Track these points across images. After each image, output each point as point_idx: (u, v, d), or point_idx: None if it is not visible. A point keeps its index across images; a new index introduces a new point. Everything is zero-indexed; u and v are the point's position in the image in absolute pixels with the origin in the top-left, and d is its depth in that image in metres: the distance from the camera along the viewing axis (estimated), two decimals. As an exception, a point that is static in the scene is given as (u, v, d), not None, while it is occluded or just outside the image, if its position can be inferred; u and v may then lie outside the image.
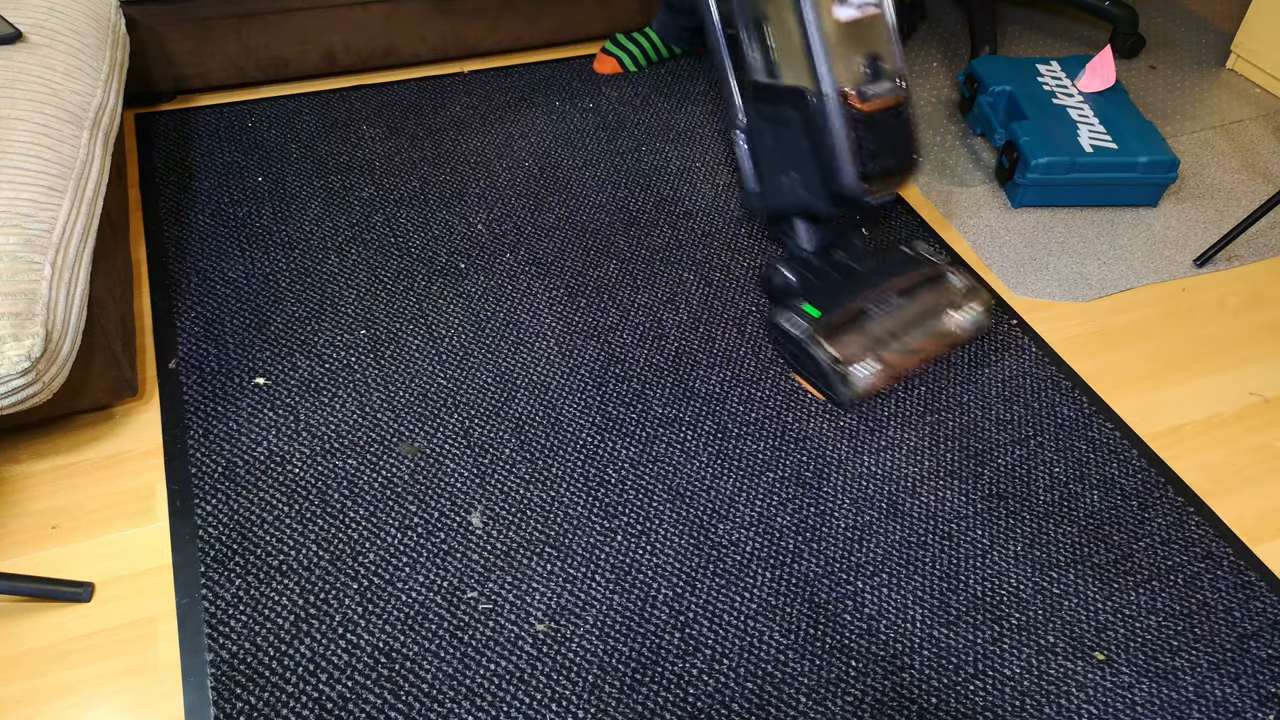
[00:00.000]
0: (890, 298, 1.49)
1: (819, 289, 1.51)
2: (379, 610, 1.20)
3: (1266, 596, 1.27)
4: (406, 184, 1.82)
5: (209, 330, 1.52)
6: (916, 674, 1.17)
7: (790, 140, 1.45)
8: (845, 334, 1.44)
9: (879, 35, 1.37)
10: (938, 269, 1.54)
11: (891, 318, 1.48)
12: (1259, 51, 2.22)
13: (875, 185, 1.39)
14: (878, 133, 1.37)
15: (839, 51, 1.34)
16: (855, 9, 1.35)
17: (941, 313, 1.51)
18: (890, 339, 1.46)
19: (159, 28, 1.86)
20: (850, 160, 1.37)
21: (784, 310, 1.46)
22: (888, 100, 1.37)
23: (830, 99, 1.35)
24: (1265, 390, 1.56)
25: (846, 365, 1.41)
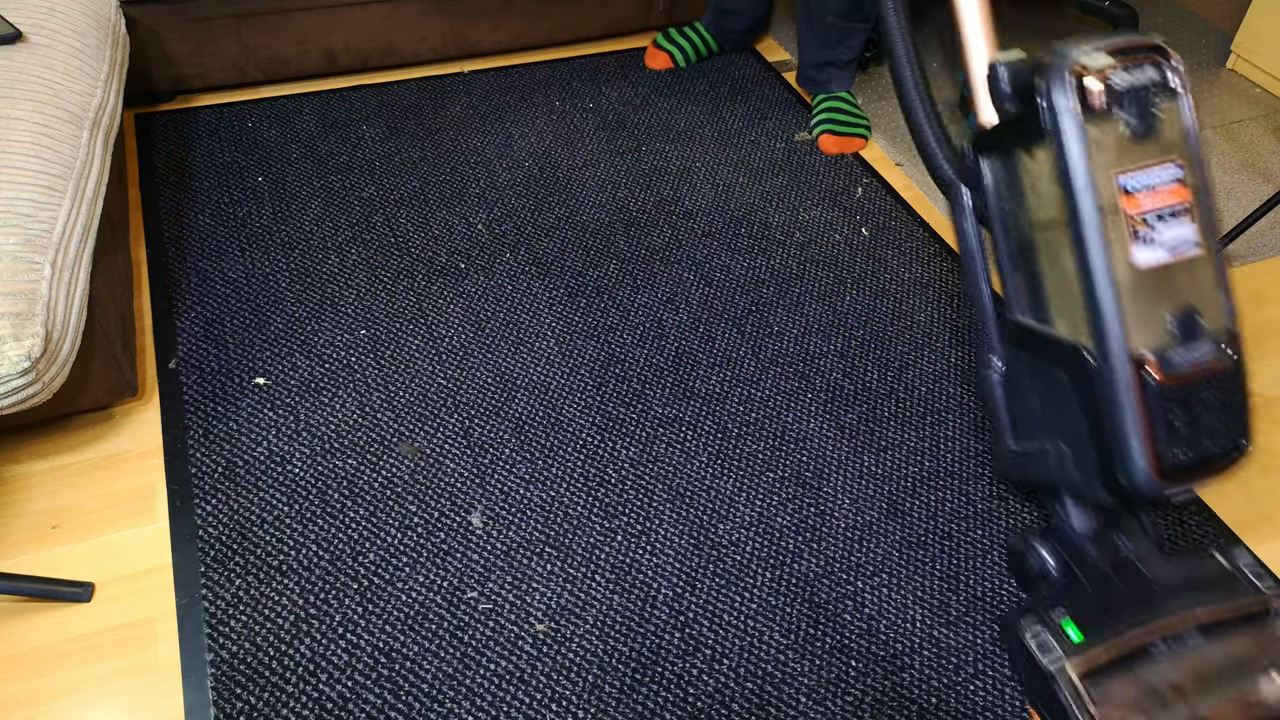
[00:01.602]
0: (1188, 633, 1.06)
1: (1087, 596, 1.12)
2: (379, 610, 1.20)
3: (1266, 596, 1.27)
4: (406, 184, 1.82)
5: (209, 330, 1.52)
6: (916, 674, 1.17)
7: (1060, 405, 1.12)
8: (1114, 681, 1.04)
9: (1200, 283, 1.03)
10: (1265, 601, 1.09)
11: (1184, 665, 1.05)
12: (1259, 51, 2.22)
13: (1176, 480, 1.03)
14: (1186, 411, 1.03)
15: (1136, 304, 1.01)
16: (1166, 251, 1.01)
17: (1259, 671, 1.05)
18: (1177, 699, 1.03)
19: (159, 28, 1.86)
20: (1144, 446, 1.02)
21: (1034, 621, 1.09)
22: (1204, 368, 1.03)
23: (1118, 366, 1.02)
24: (1265, 390, 1.56)
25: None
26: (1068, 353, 1.08)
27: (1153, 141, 1.00)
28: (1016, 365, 1.20)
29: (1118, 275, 1.00)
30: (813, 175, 1.90)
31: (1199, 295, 1.03)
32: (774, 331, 1.58)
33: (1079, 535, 1.17)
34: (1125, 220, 1.00)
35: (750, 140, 1.98)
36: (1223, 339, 1.04)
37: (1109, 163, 0.99)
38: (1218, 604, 1.09)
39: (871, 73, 2.24)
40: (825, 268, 1.70)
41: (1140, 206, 1.00)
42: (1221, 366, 1.04)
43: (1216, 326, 1.04)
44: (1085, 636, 1.06)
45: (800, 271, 1.69)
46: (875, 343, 1.58)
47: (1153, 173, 1.01)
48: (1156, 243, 1.01)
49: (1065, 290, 1.07)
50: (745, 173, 1.90)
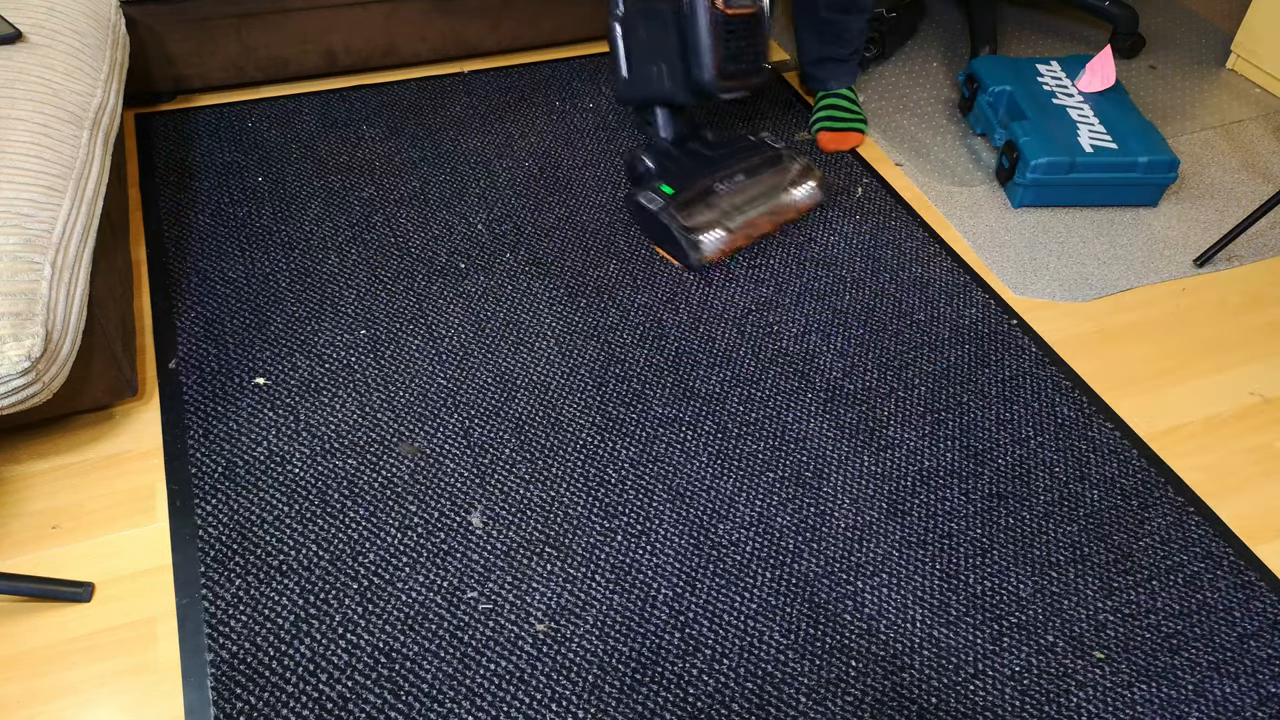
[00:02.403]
0: (736, 177, 1.70)
1: (674, 172, 1.70)
2: (379, 610, 1.20)
3: (1266, 596, 1.27)
4: (406, 184, 1.82)
5: (209, 330, 1.52)
6: (916, 674, 1.17)
7: (661, 35, 1.67)
8: (695, 207, 1.65)
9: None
10: (777, 152, 1.76)
11: (736, 194, 1.68)
12: (1259, 51, 2.22)
13: (729, 83, 1.65)
14: (736, 36, 1.62)
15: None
16: None
17: (781, 190, 1.73)
18: (735, 212, 1.67)
19: (159, 28, 1.86)
20: (710, 57, 1.62)
21: (643, 190, 1.66)
22: (747, 9, 1.62)
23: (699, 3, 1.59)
24: (1265, 390, 1.56)
25: (696, 233, 1.62)
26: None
27: None
28: (633, 10, 1.71)
29: None
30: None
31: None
32: (774, 331, 1.58)
33: (666, 141, 1.76)
34: None
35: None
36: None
37: None
38: (751, 158, 1.75)
39: (871, 72, 2.24)
40: (825, 267, 1.70)
41: None
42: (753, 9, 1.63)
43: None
44: (675, 191, 1.66)
45: (800, 271, 1.69)
46: (875, 343, 1.58)
47: None
48: None
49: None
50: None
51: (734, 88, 1.66)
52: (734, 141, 1.78)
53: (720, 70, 1.62)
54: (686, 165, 1.72)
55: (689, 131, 1.79)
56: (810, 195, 1.76)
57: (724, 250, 1.65)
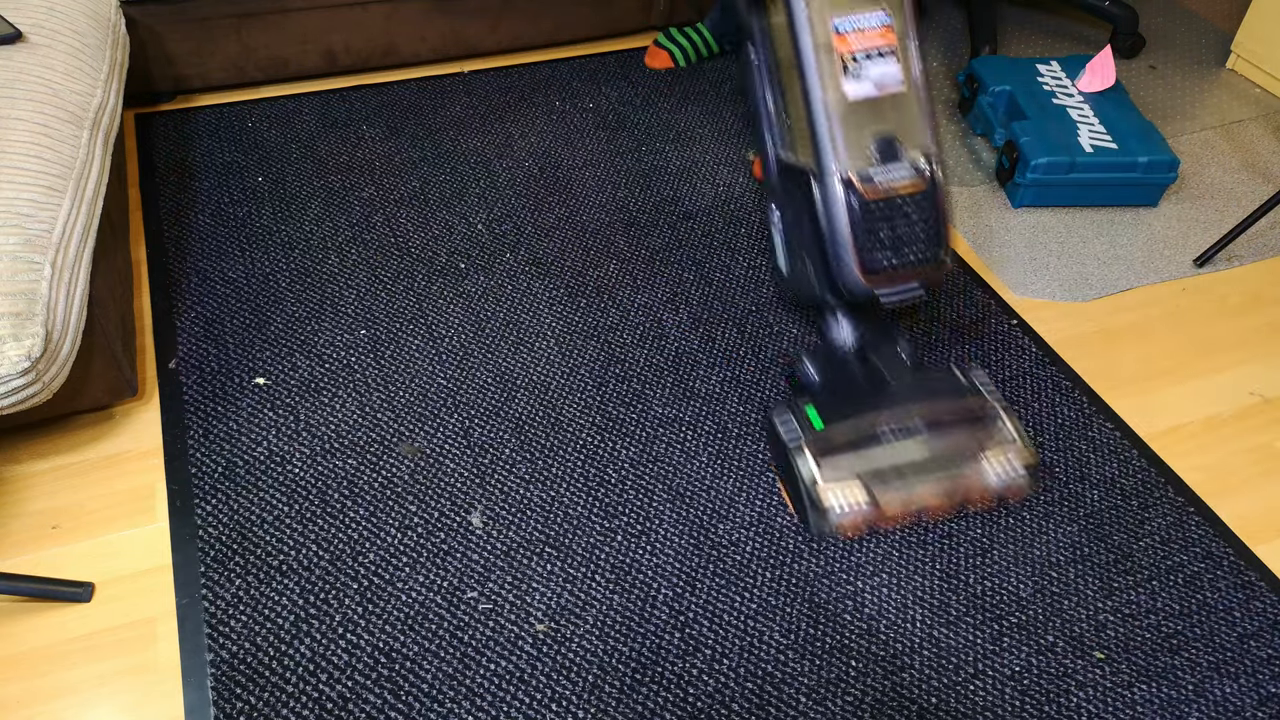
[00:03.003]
0: (915, 425, 1.25)
1: (836, 393, 1.32)
2: (379, 610, 1.20)
3: (1266, 596, 1.27)
4: (406, 184, 1.82)
5: (209, 330, 1.52)
6: (916, 674, 1.17)
7: (803, 223, 1.32)
8: (841, 455, 1.23)
9: (905, 114, 1.21)
10: (985, 405, 1.28)
11: (906, 450, 1.24)
12: (1259, 51, 2.22)
13: (881, 281, 1.23)
14: (885, 222, 1.21)
15: (846, 130, 1.20)
16: (871, 85, 1.20)
17: (972, 459, 1.25)
18: (895, 476, 1.22)
19: (159, 28, 1.86)
20: (850, 252, 1.22)
21: (784, 407, 1.29)
22: (901, 186, 1.20)
23: (829, 181, 1.21)
24: (1265, 390, 1.56)
25: (828, 494, 1.21)
26: (801, 175, 1.28)
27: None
28: (783, 197, 1.41)
29: (830, 104, 1.20)
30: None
31: (901, 125, 1.21)
32: (774, 331, 1.58)
33: (839, 348, 1.37)
34: (837, 57, 1.19)
35: (749, 140, 1.97)
36: (921, 164, 1.21)
37: (825, 7, 1.18)
38: (944, 404, 1.28)
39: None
40: (825, 268, 1.70)
41: (850, 46, 1.19)
42: (918, 187, 1.21)
43: (915, 153, 1.21)
44: (824, 423, 1.26)
45: (800, 271, 1.69)
46: (875, 343, 1.58)
47: (862, 18, 1.20)
48: (864, 77, 1.20)
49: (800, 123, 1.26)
50: (745, 173, 1.90)
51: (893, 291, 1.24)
52: (931, 372, 1.36)
53: (866, 266, 1.21)
54: (855, 388, 1.31)
55: (878, 337, 1.36)
56: (1009, 480, 1.26)
57: (860, 525, 1.25)
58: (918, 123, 1.22)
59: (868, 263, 1.21)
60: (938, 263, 1.23)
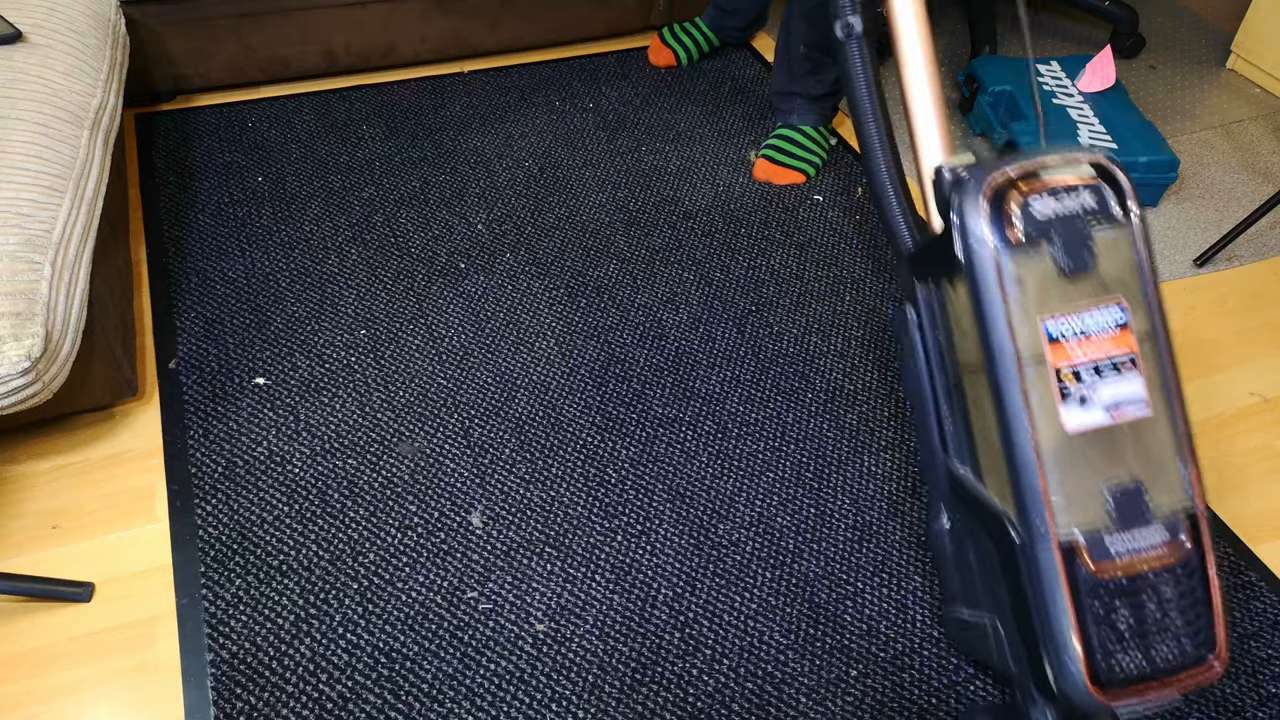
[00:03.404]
0: None
1: None
2: (379, 610, 1.20)
3: (1266, 596, 1.27)
4: (406, 184, 1.82)
5: (209, 330, 1.52)
6: (916, 674, 1.17)
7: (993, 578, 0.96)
8: None
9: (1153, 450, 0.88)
10: None
11: None
12: (1259, 51, 2.22)
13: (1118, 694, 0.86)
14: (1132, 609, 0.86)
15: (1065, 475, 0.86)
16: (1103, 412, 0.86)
17: None
18: None
19: (159, 28, 1.86)
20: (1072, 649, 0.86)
21: None
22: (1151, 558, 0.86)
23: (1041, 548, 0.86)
24: (1265, 390, 1.56)
25: None
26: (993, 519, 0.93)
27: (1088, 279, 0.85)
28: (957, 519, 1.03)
29: (1041, 440, 0.85)
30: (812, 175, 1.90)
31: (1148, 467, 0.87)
32: (774, 331, 1.58)
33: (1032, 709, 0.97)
34: (1052, 374, 0.85)
35: (750, 140, 1.97)
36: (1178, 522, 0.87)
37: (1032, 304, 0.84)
38: None
39: (871, 73, 2.24)
40: (825, 268, 1.70)
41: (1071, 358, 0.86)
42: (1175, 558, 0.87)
43: (1170, 506, 0.88)
44: None
45: (800, 271, 1.69)
46: (875, 343, 1.58)
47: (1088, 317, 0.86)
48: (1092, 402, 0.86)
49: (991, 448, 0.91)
50: (745, 173, 1.90)
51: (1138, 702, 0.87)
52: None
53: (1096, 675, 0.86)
54: None
55: None
56: None
57: None
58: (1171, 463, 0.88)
59: (1099, 670, 0.86)
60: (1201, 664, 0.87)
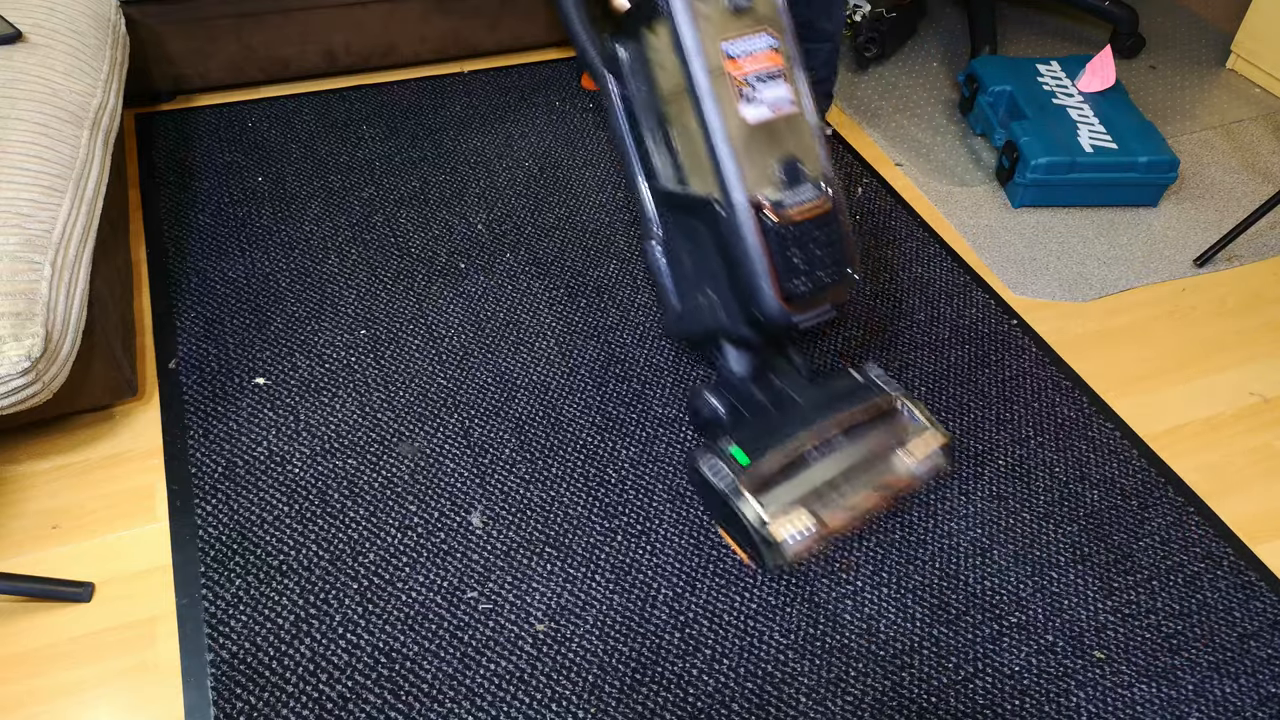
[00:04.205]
0: (833, 437, 1.26)
1: (750, 425, 1.29)
2: (379, 610, 1.20)
3: (1266, 596, 1.27)
4: (406, 184, 1.82)
5: (209, 330, 1.52)
6: (916, 673, 1.17)
7: (704, 257, 1.26)
8: (777, 487, 1.21)
9: (799, 136, 1.19)
10: (890, 400, 1.30)
11: (833, 463, 1.25)
12: (1259, 51, 2.22)
13: (802, 309, 1.20)
14: (800, 246, 1.18)
15: (749, 155, 1.16)
16: (767, 108, 1.17)
17: (892, 455, 1.26)
18: (830, 491, 1.22)
19: (159, 28, 1.86)
20: (768, 280, 1.18)
21: (707, 454, 1.23)
22: (810, 208, 1.17)
23: (740, 211, 1.16)
24: (1265, 390, 1.56)
25: (778, 528, 1.17)
26: (702, 206, 1.21)
27: (749, 15, 1.16)
28: (669, 230, 1.33)
29: (731, 130, 1.15)
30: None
31: (799, 146, 1.19)
32: (774, 331, 1.58)
33: (739, 379, 1.33)
34: (731, 81, 1.15)
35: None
36: (821, 183, 1.19)
37: (714, 32, 1.14)
38: (854, 409, 1.28)
39: (871, 72, 2.24)
40: (825, 268, 1.70)
41: (743, 69, 1.16)
42: (823, 208, 1.19)
43: (815, 173, 1.19)
44: (751, 459, 1.21)
45: (800, 271, 1.69)
46: (874, 342, 1.58)
47: (752, 40, 1.17)
48: (759, 101, 1.17)
49: (694, 151, 1.20)
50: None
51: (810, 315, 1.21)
52: (831, 379, 1.33)
53: (786, 293, 1.18)
54: (767, 415, 1.30)
55: (771, 357, 1.36)
56: (931, 465, 1.27)
57: (811, 549, 1.22)
58: (813, 144, 1.20)
59: (787, 289, 1.18)
60: (848, 282, 1.22)
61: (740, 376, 1.33)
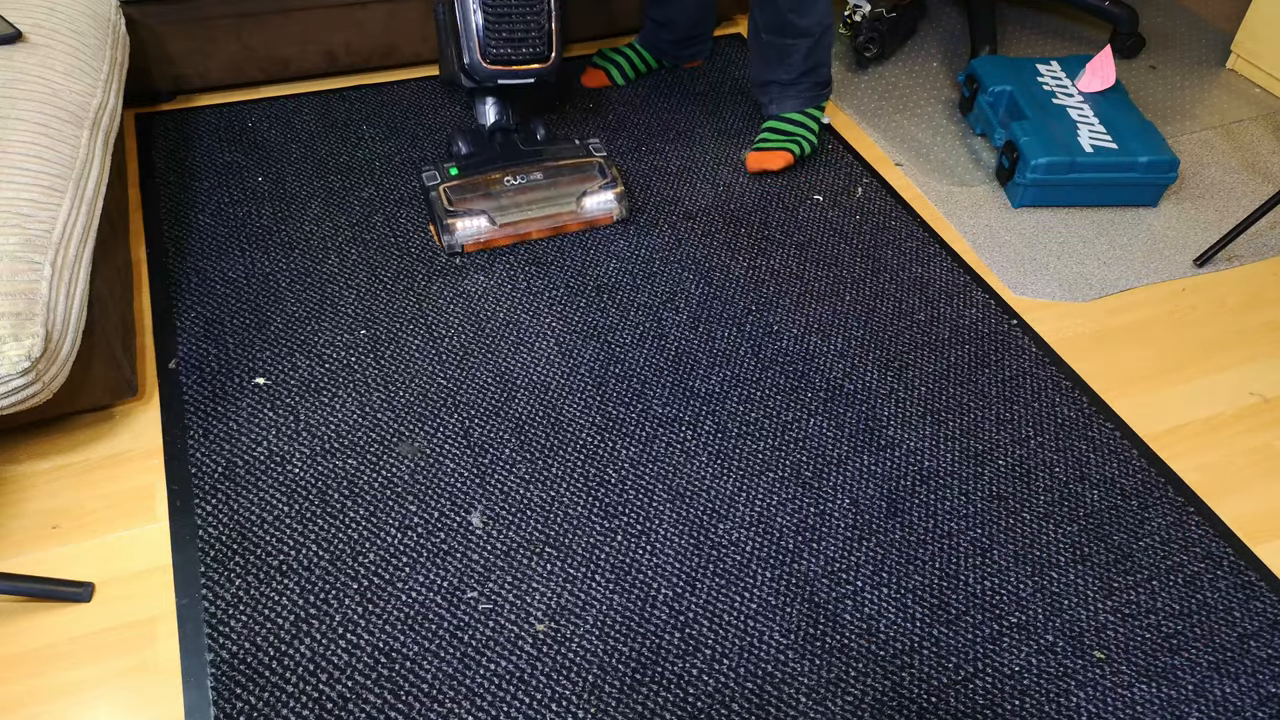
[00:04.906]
0: (532, 173, 1.67)
1: (478, 157, 1.71)
2: (379, 610, 1.20)
3: (1266, 596, 1.27)
4: (406, 184, 1.82)
5: (209, 330, 1.52)
6: (916, 673, 1.17)
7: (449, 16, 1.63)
8: (470, 194, 1.64)
9: None
10: (592, 160, 1.72)
11: (522, 192, 1.66)
12: (1259, 51, 2.22)
13: (496, 67, 1.60)
14: (504, 20, 1.58)
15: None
16: None
17: (573, 197, 1.67)
18: (511, 208, 1.64)
19: (159, 28, 1.86)
20: (474, 40, 1.58)
21: (431, 166, 1.68)
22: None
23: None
24: (1265, 390, 1.56)
25: (456, 217, 1.61)
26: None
27: None
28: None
29: None
30: (812, 175, 1.90)
31: None
32: (774, 331, 1.58)
33: (481, 127, 1.76)
34: None
35: (750, 140, 1.97)
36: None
37: None
38: (561, 160, 1.72)
39: (871, 71, 2.24)
40: (825, 268, 1.70)
41: None
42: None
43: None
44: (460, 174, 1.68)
45: (800, 271, 1.69)
46: (875, 343, 1.58)
47: None
48: None
49: None
50: (745, 173, 1.90)
51: (505, 73, 1.62)
52: (556, 142, 1.76)
53: (484, 53, 1.59)
54: (494, 154, 1.71)
55: (516, 123, 1.77)
56: (603, 207, 1.70)
57: (482, 242, 1.64)
58: None
59: (485, 52, 1.59)
60: (544, 60, 1.63)
61: (483, 125, 1.76)
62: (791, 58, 1.84)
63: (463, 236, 1.61)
